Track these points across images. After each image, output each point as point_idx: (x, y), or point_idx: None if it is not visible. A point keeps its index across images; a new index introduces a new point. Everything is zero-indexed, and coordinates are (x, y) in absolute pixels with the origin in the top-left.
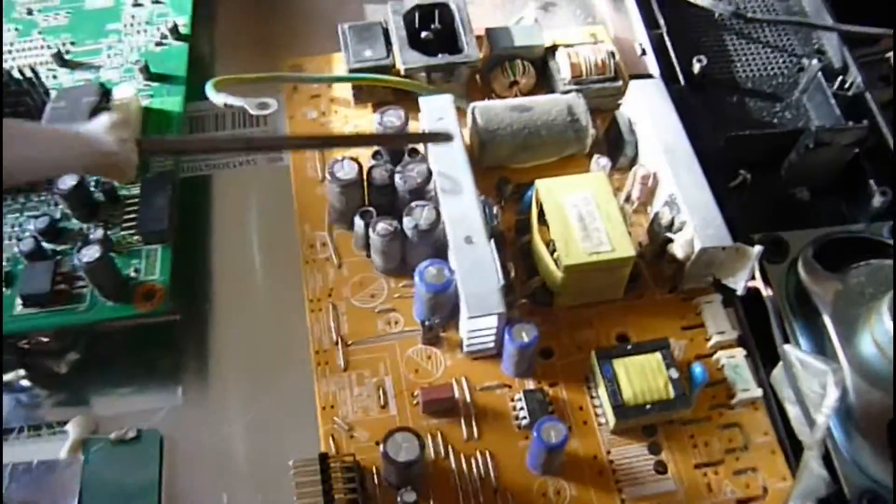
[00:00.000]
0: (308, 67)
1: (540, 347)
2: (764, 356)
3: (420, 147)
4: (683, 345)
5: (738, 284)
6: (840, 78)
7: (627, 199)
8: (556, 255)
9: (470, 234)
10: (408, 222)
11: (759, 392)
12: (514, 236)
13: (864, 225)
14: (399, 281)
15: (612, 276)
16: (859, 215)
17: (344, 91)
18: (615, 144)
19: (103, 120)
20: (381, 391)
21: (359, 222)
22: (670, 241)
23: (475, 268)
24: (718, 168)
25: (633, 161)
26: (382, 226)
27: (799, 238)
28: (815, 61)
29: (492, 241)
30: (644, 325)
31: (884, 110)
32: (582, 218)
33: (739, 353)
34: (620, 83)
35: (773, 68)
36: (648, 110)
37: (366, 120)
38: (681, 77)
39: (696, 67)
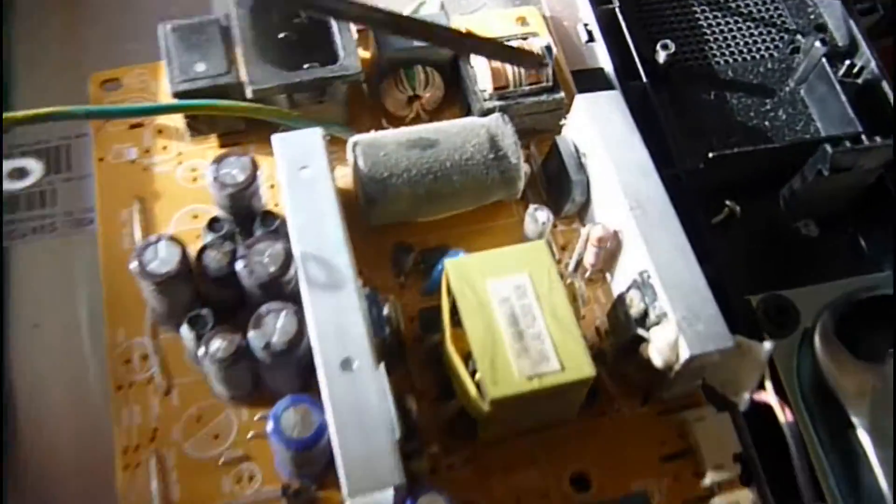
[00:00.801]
0: (126, 82)
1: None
2: (782, 497)
3: (279, 209)
4: (665, 486)
5: (741, 398)
6: (847, 62)
7: (577, 265)
8: (478, 377)
9: (349, 356)
10: (256, 338)
11: None
12: (420, 331)
13: (891, 272)
14: (254, 410)
15: (563, 401)
16: (883, 258)
17: (176, 119)
18: (558, 184)
19: None
20: None
21: (186, 333)
22: (643, 339)
23: (357, 412)
24: (697, 198)
25: (585, 207)
26: (219, 345)
27: (810, 299)
28: (817, 42)
29: (381, 366)
30: (609, 457)
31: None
32: (515, 319)
33: (745, 498)
34: (562, 94)
35: (759, 51)
36: (602, 137)
37: (207, 160)
38: (641, 70)
39: (662, 56)
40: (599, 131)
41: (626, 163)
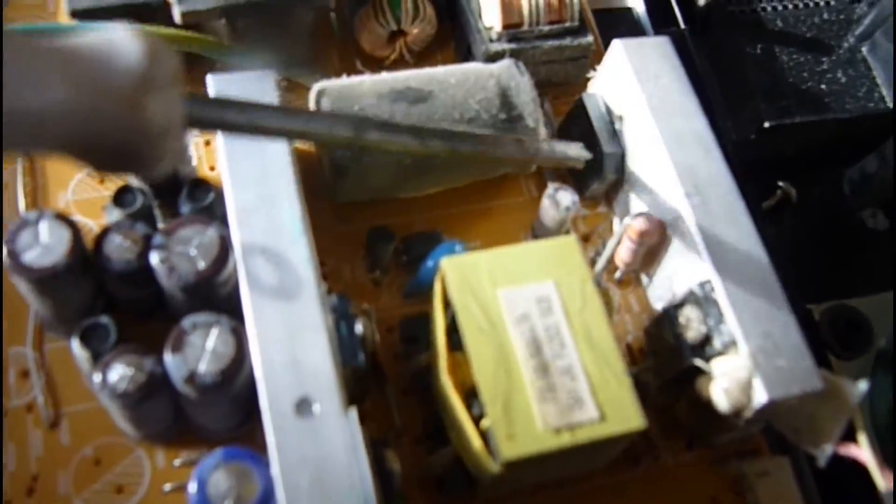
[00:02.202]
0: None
1: None
2: None
3: (217, 175)
4: None
5: (823, 452)
6: None
7: (608, 264)
8: (486, 425)
9: (307, 395)
10: (175, 365)
11: None
12: (400, 345)
13: None
14: (174, 452)
15: (595, 455)
16: None
17: None
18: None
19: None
20: None
21: (79, 351)
22: (700, 372)
23: (316, 477)
24: (745, 176)
25: (615, 187)
26: (122, 374)
27: (882, 310)
28: None
29: (353, 410)
30: None
31: None
32: (538, 346)
33: None
34: (590, 39)
35: None
36: (648, 96)
37: None
38: (678, 14)
39: None
40: (644, 88)
41: (679, 132)
